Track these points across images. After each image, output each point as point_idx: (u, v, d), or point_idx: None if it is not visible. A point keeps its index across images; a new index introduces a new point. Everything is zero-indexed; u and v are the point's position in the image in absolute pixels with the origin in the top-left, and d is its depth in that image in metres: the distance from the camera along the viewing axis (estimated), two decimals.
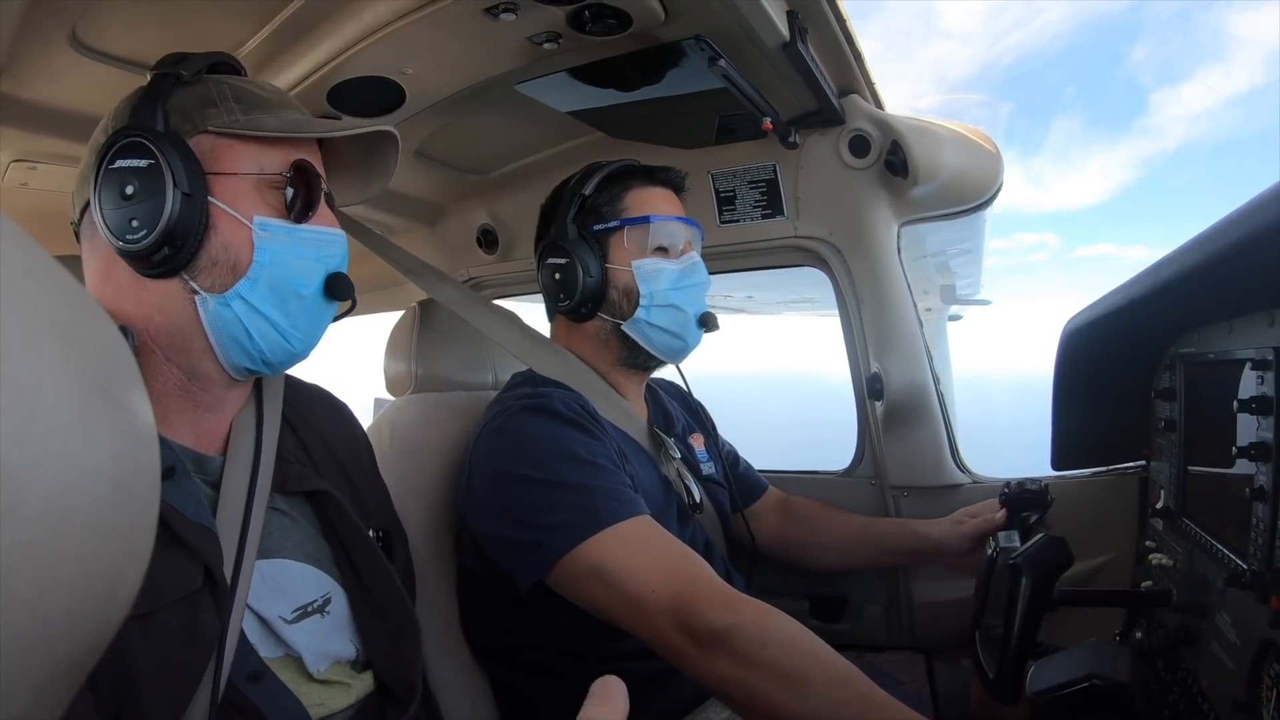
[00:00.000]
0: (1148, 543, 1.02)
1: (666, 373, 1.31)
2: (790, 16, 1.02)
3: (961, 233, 1.92)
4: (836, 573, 1.45)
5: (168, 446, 0.70)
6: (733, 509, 1.30)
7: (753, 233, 1.46)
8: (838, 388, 1.52)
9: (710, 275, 1.19)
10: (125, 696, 0.57)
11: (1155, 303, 0.80)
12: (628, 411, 1.16)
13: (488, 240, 1.79)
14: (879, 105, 1.31)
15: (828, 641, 0.81)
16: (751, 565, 1.29)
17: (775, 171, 1.40)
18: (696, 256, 1.16)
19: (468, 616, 1.11)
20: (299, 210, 0.73)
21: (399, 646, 0.80)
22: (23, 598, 0.21)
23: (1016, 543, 0.87)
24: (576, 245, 1.11)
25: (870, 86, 1.28)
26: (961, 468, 1.40)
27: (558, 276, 1.12)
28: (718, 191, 1.46)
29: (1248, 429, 0.70)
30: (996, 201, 1.38)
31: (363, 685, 0.77)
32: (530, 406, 1.02)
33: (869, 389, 1.39)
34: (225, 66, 0.78)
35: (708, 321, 1.16)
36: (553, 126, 1.35)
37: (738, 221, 1.47)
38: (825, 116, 1.29)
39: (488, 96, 1.19)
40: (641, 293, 1.11)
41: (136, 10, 0.90)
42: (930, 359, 1.39)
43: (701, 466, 1.26)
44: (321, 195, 0.76)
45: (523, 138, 1.46)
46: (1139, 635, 0.89)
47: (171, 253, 0.67)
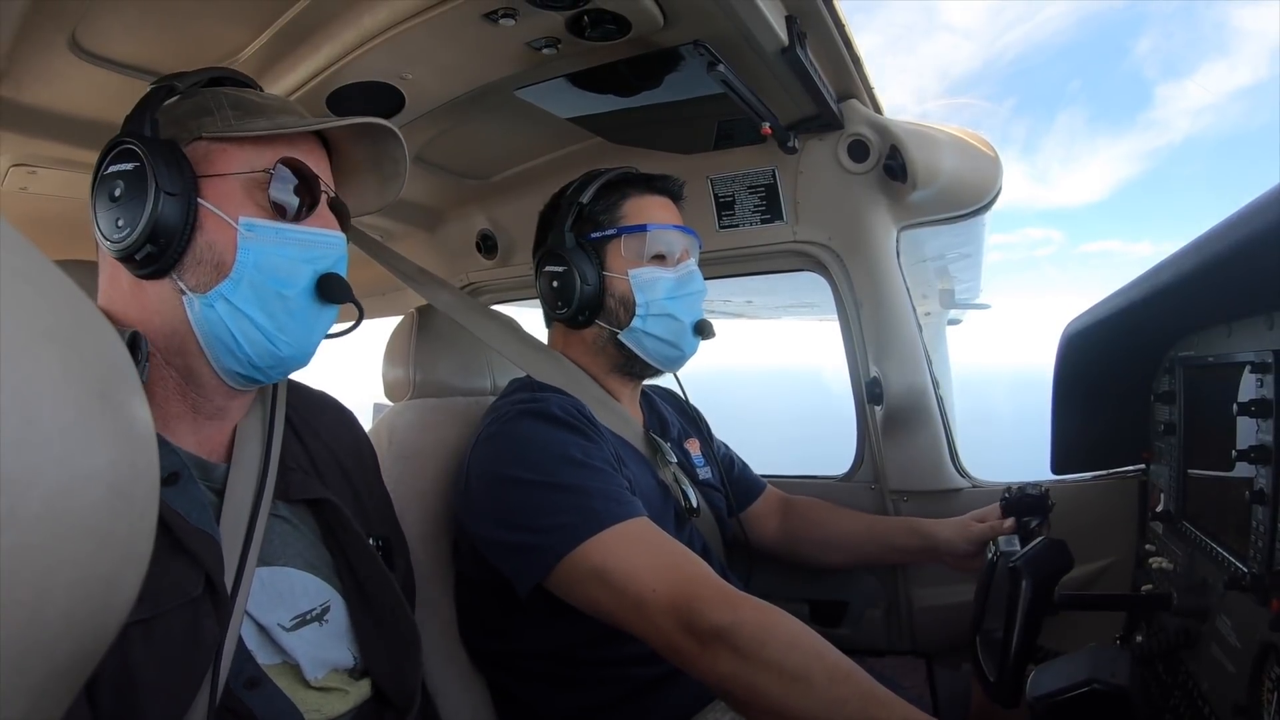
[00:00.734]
0: (1148, 546, 1.02)
1: (665, 378, 1.31)
2: (789, 21, 1.02)
3: (960, 237, 1.92)
4: (839, 571, 1.45)
5: (173, 452, 0.70)
6: (729, 513, 1.30)
7: (752, 238, 1.47)
8: (837, 387, 1.52)
9: (710, 280, 1.19)
10: (125, 700, 0.57)
11: (1154, 306, 0.80)
12: (624, 417, 1.15)
13: (487, 245, 1.79)
14: (878, 110, 1.32)
15: None
16: (749, 570, 1.29)
17: (774, 176, 1.41)
18: (694, 265, 1.16)
19: (466, 622, 1.10)
20: (290, 210, 0.73)
21: (399, 656, 0.80)
22: (21, 600, 0.20)
23: (1017, 546, 0.87)
24: (574, 253, 1.11)
25: (869, 91, 1.29)
26: (961, 472, 1.40)
27: (555, 284, 1.12)
28: (717, 197, 1.47)
29: (1247, 432, 0.70)
30: (1000, 198, 1.38)
31: (360, 692, 0.77)
32: (527, 411, 1.02)
33: (868, 393, 1.39)
34: (229, 80, 0.79)
35: (704, 330, 1.16)
36: (552, 132, 1.36)
37: (737, 226, 1.47)
38: (824, 121, 1.29)
39: (487, 101, 1.20)
40: (638, 302, 1.11)
41: (136, 15, 0.90)
42: (930, 363, 1.39)
43: (698, 471, 1.26)
44: (321, 196, 0.76)
45: (522, 143, 1.47)
46: (1139, 639, 0.89)
47: (156, 251, 0.68)
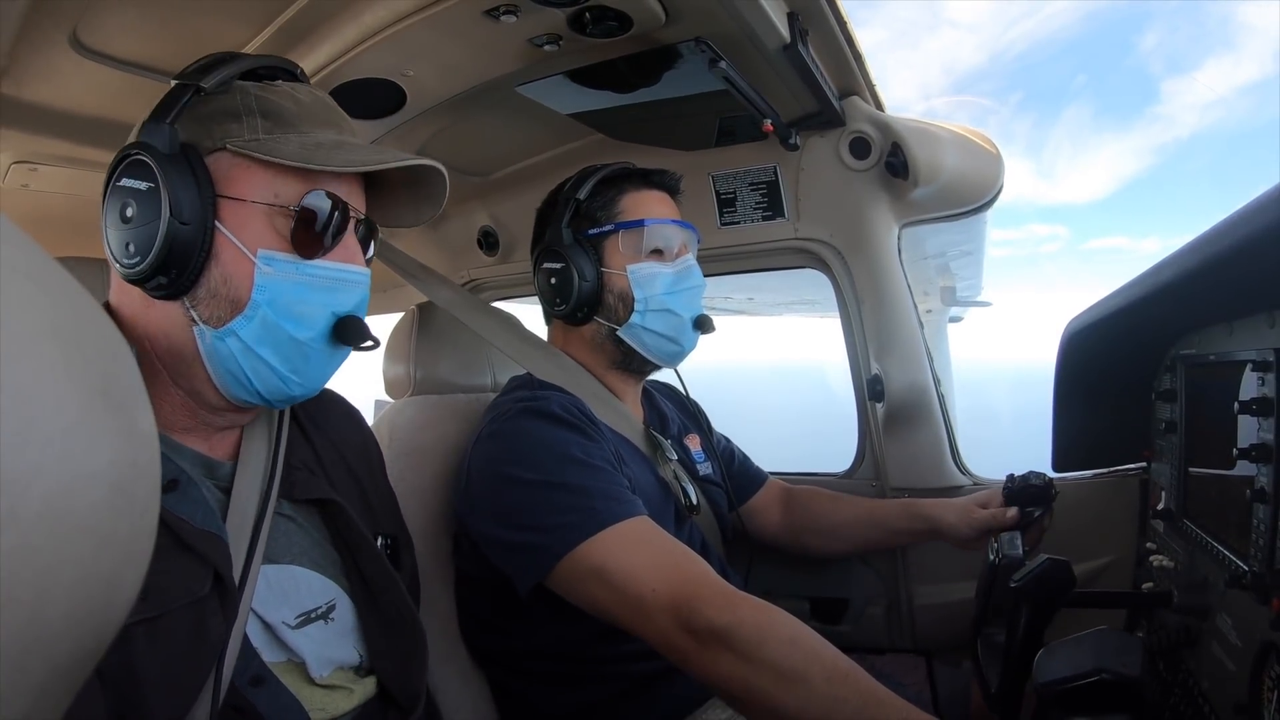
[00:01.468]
0: (1148, 544, 1.02)
1: (664, 372, 1.31)
2: (791, 18, 1.02)
3: (962, 234, 1.92)
4: (841, 564, 1.45)
5: (174, 456, 0.69)
6: (729, 509, 1.30)
7: (753, 234, 1.47)
8: (838, 383, 1.52)
9: (711, 277, 1.18)
10: (130, 698, 0.57)
11: (1156, 304, 0.80)
12: (624, 414, 1.15)
13: (488, 242, 1.79)
14: (879, 107, 1.31)
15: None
16: (749, 566, 1.29)
17: (776, 173, 1.40)
18: (692, 259, 1.15)
19: (466, 620, 1.11)
20: (311, 246, 0.69)
21: (404, 655, 0.80)
22: (22, 600, 0.20)
23: (1019, 546, 0.87)
24: (572, 250, 1.11)
25: (871, 88, 1.28)
26: (962, 469, 1.40)
27: (553, 281, 1.12)
28: (718, 193, 1.46)
29: (1248, 430, 0.70)
30: (1002, 195, 1.38)
31: (365, 690, 0.77)
32: (528, 409, 1.02)
33: (870, 391, 1.39)
34: (265, 71, 0.72)
35: (704, 324, 1.15)
36: (554, 128, 1.35)
37: (738, 223, 1.47)
38: (826, 118, 1.29)
39: (488, 98, 1.20)
40: (636, 298, 1.11)
41: (137, 12, 0.90)
42: (931, 361, 1.39)
43: (698, 467, 1.26)
44: (348, 226, 0.71)
45: (523, 139, 1.46)
46: (1140, 636, 0.89)
47: (167, 281, 0.65)
